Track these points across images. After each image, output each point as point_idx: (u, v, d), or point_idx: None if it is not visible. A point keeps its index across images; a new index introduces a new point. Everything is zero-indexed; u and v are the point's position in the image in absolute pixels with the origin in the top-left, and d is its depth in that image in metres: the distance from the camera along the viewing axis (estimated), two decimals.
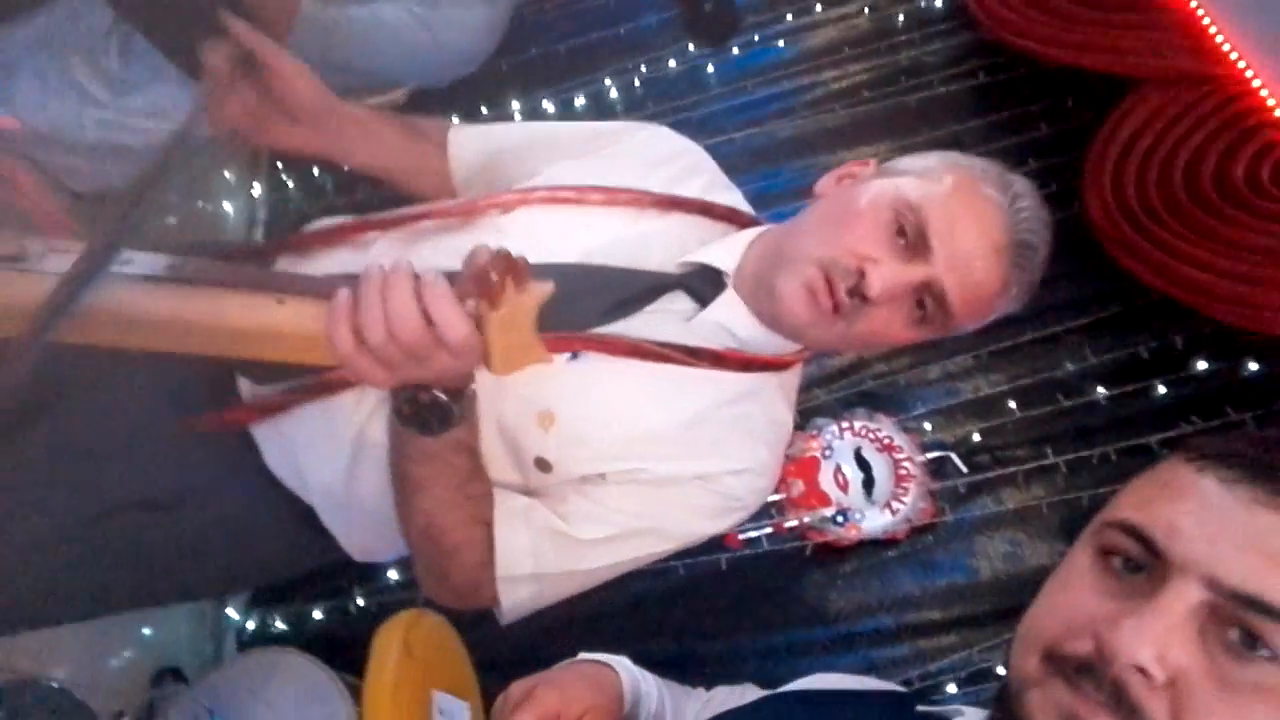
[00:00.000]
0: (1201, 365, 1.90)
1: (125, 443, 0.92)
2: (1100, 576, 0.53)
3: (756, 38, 2.31)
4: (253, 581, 1.57)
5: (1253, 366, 1.89)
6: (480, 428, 0.82)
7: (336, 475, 0.90)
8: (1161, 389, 1.92)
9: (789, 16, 2.32)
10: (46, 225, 1.04)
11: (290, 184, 2.33)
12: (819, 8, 2.34)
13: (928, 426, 2.01)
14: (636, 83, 2.30)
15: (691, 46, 2.28)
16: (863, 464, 1.99)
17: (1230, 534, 0.49)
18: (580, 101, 2.31)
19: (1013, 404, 1.98)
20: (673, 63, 2.29)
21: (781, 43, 2.32)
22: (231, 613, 2.01)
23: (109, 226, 0.68)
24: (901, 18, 2.27)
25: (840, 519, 1.94)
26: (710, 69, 2.29)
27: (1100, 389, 1.94)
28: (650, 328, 0.87)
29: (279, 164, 2.35)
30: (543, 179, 0.95)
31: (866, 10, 2.33)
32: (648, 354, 0.85)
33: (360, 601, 2.00)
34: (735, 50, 2.28)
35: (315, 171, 2.32)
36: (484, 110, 2.33)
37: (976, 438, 1.98)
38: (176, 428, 0.90)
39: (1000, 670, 1.80)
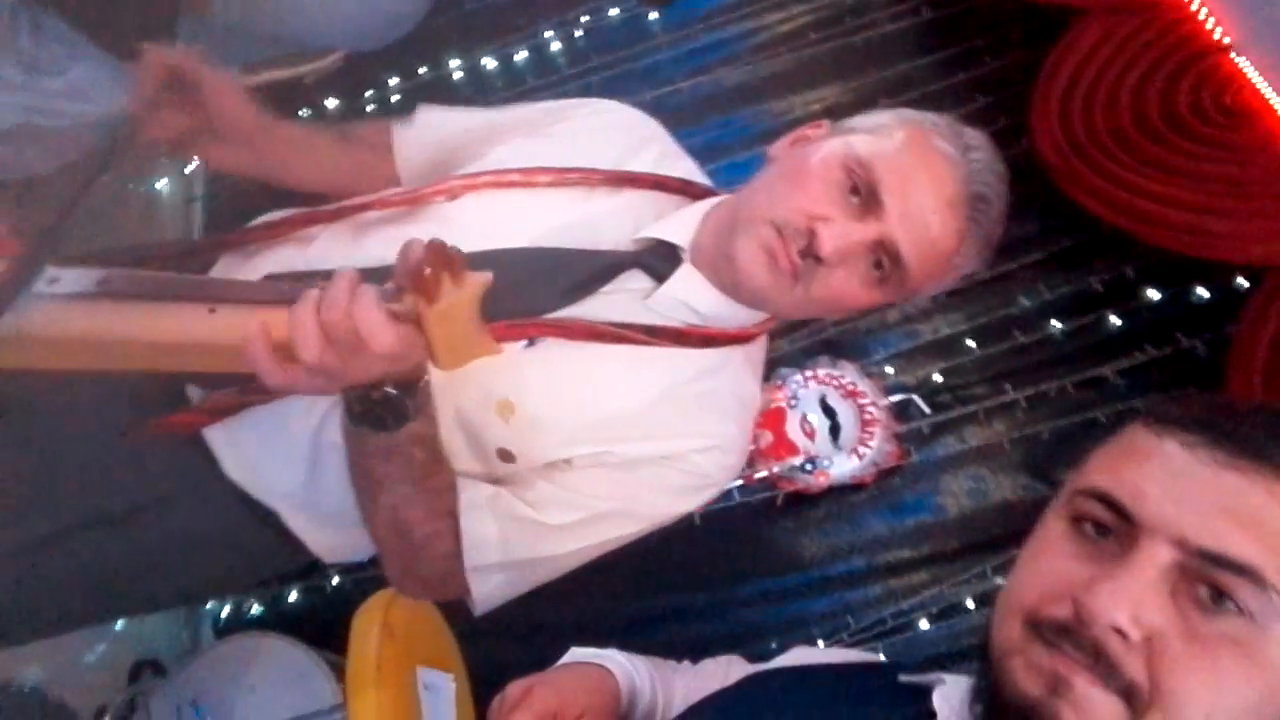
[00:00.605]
0: (1152, 294, 1.94)
1: (76, 459, 0.89)
2: (1074, 542, 0.55)
3: None
4: (221, 589, 1.55)
5: (1201, 293, 1.93)
6: (439, 421, 0.80)
7: (297, 479, 0.88)
8: (1114, 319, 1.95)
9: None
10: None
11: None
12: None
13: (889, 370, 2.03)
14: (578, 34, 2.23)
15: None
16: (828, 411, 2.01)
17: (1195, 495, 0.50)
18: (521, 56, 2.24)
19: (971, 342, 2.01)
20: (615, 11, 2.23)
21: None
22: None
23: (31, 243, 0.65)
24: None
25: (809, 467, 1.97)
26: (653, 17, 2.23)
27: (1055, 323, 1.97)
28: (608, 309, 0.86)
29: None
30: (488, 162, 0.92)
31: None
32: (606, 336, 0.84)
33: (336, 580, 2.00)
34: None
35: None
36: (422, 71, 2.25)
37: (937, 378, 2.01)
38: (124, 437, 0.87)
39: (970, 603, 1.87)
